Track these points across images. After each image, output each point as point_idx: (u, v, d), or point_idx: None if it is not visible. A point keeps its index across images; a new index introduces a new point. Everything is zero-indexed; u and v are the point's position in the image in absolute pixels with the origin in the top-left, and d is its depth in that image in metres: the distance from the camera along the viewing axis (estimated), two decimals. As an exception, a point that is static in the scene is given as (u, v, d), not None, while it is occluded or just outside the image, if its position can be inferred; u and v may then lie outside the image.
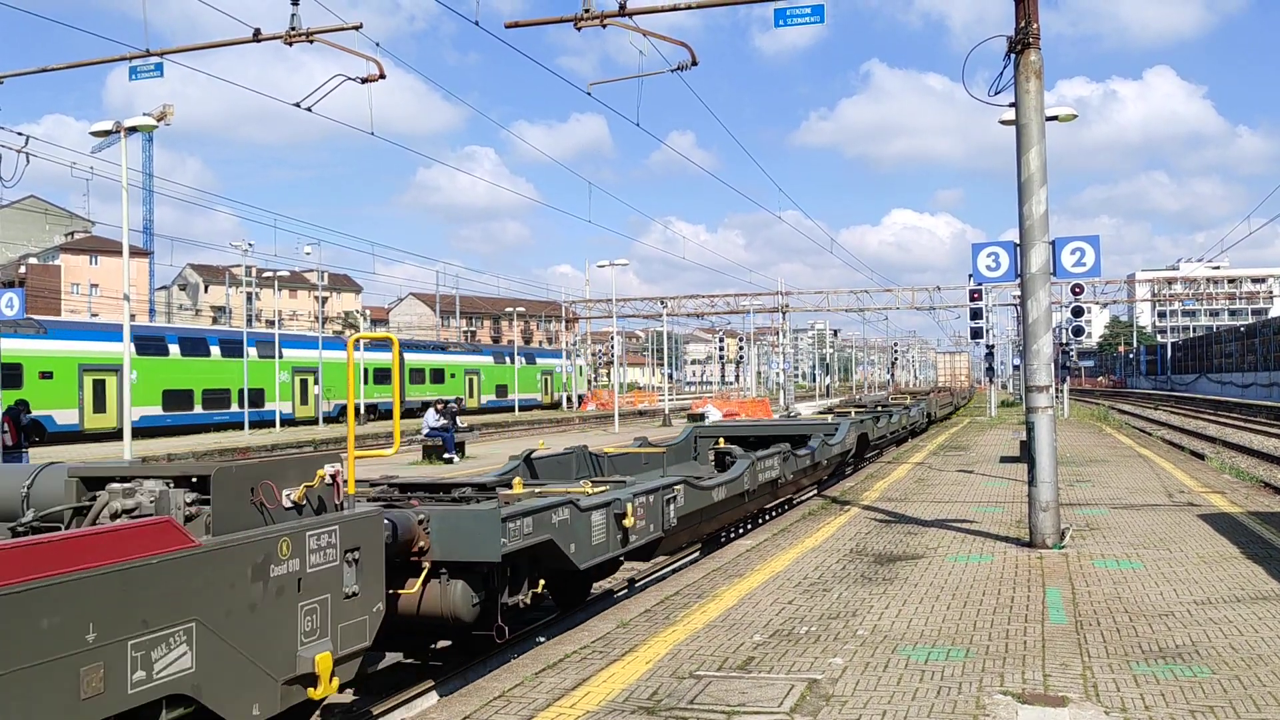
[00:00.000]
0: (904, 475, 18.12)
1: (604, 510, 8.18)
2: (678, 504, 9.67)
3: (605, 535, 8.13)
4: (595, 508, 8.04)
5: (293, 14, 14.20)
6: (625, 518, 8.35)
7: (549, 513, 7.30)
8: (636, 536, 8.71)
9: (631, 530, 8.54)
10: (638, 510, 8.64)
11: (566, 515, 7.52)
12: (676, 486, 9.72)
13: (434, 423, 24.96)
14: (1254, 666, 5.96)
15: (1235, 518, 11.98)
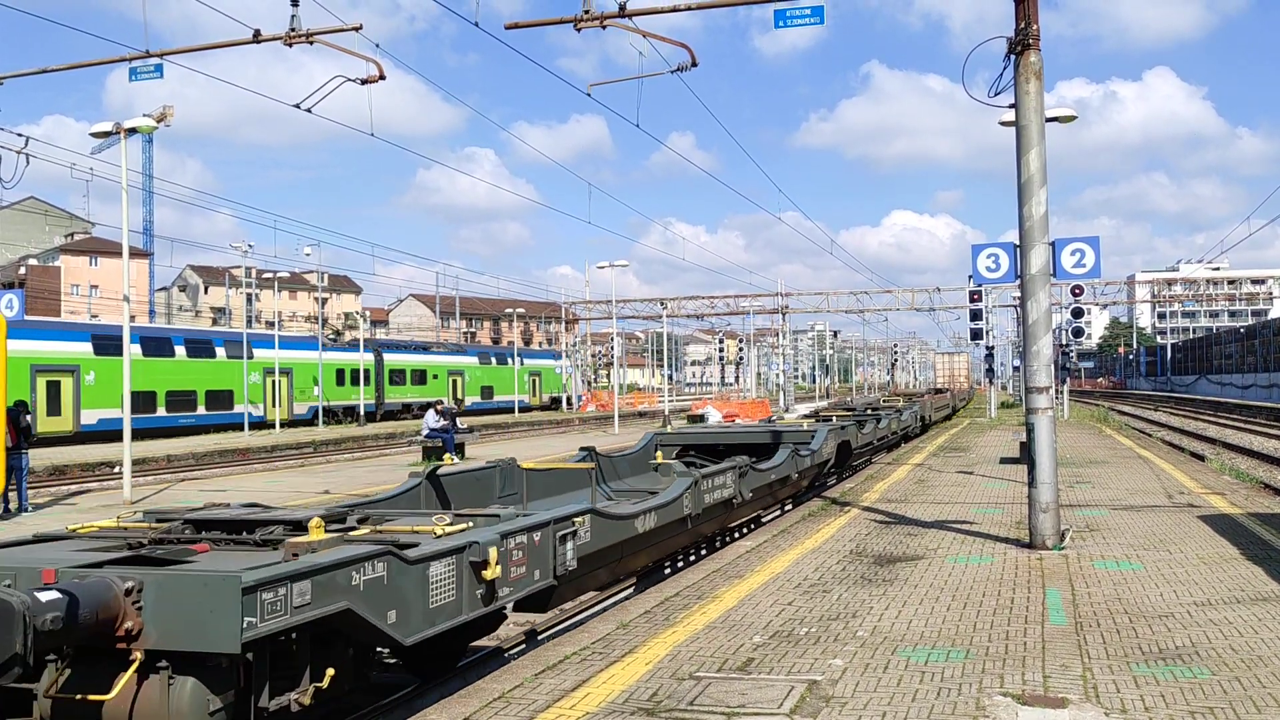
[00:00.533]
0: (904, 476, 18.12)
1: (451, 560, 6.14)
2: (579, 541, 7.71)
3: (455, 592, 6.15)
4: (433, 557, 5.98)
5: (293, 15, 14.20)
6: (486, 567, 6.30)
7: (347, 570, 5.34)
8: (510, 589, 6.71)
9: (500, 582, 6.51)
10: (511, 554, 6.68)
11: (381, 571, 5.56)
12: (578, 518, 7.76)
13: (434, 424, 24.95)
14: (1254, 668, 5.96)
15: (1235, 519, 11.98)
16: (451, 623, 6.14)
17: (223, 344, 42.86)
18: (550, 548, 7.22)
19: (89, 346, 36.24)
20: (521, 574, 6.86)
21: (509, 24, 13.79)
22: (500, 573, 6.43)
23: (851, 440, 19.10)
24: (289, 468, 26.37)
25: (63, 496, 19.54)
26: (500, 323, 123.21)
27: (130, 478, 18.49)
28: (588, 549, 7.88)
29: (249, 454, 31.15)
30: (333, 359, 48.50)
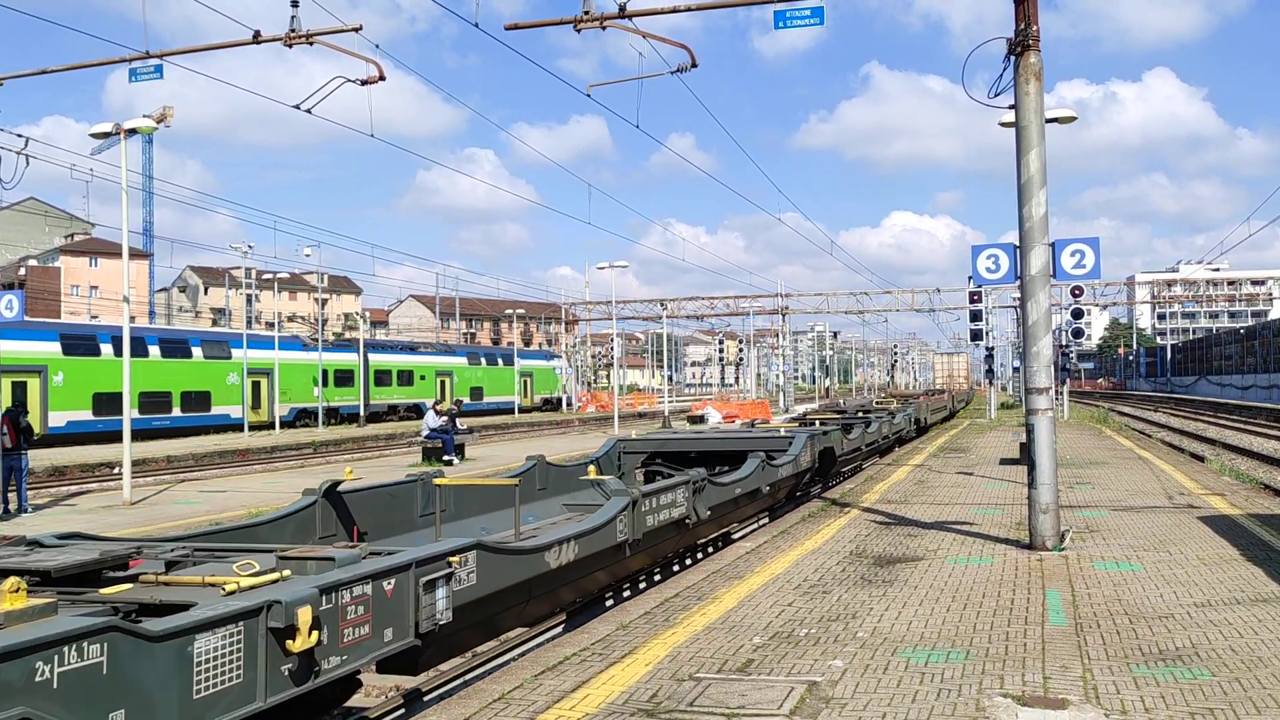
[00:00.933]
0: (904, 477, 18.11)
1: (235, 629, 4.52)
2: (460, 585, 6.30)
3: (243, 672, 4.56)
4: (201, 628, 4.36)
5: (292, 16, 14.21)
6: (294, 635, 4.72)
7: (27, 661, 3.62)
8: (342, 658, 5.16)
9: (322, 652, 4.98)
10: (346, 612, 5.16)
11: (98, 657, 3.88)
12: (457, 556, 6.25)
13: (434, 424, 24.94)
14: (1254, 669, 5.96)
15: (1235, 520, 11.97)
16: (235, 715, 4.49)
17: (199, 344, 41.69)
18: (410, 598, 5.71)
19: (57, 346, 35.09)
20: (363, 636, 5.32)
21: (509, 25, 13.81)
22: (320, 639, 4.88)
23: (836, 447, 17.67)
24: (289, 468, 26.36)
25: (63, 497, 19.54)
26: (500, 324, 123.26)
27: (130, 479, 18.48)
28: (473, 594, 6.43)
29: (249, 454, 31.15)
30: (316, 359, 47.49)
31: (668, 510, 10.06)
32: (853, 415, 25.78)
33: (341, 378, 48.70)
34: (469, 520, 10.74)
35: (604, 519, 8.71)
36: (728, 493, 12.00)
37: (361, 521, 9.18)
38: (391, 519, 9.67)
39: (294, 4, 14.18)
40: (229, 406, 41.71)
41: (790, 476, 14.74)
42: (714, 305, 72.73)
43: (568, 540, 7.99)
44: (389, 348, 56.49)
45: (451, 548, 6.29)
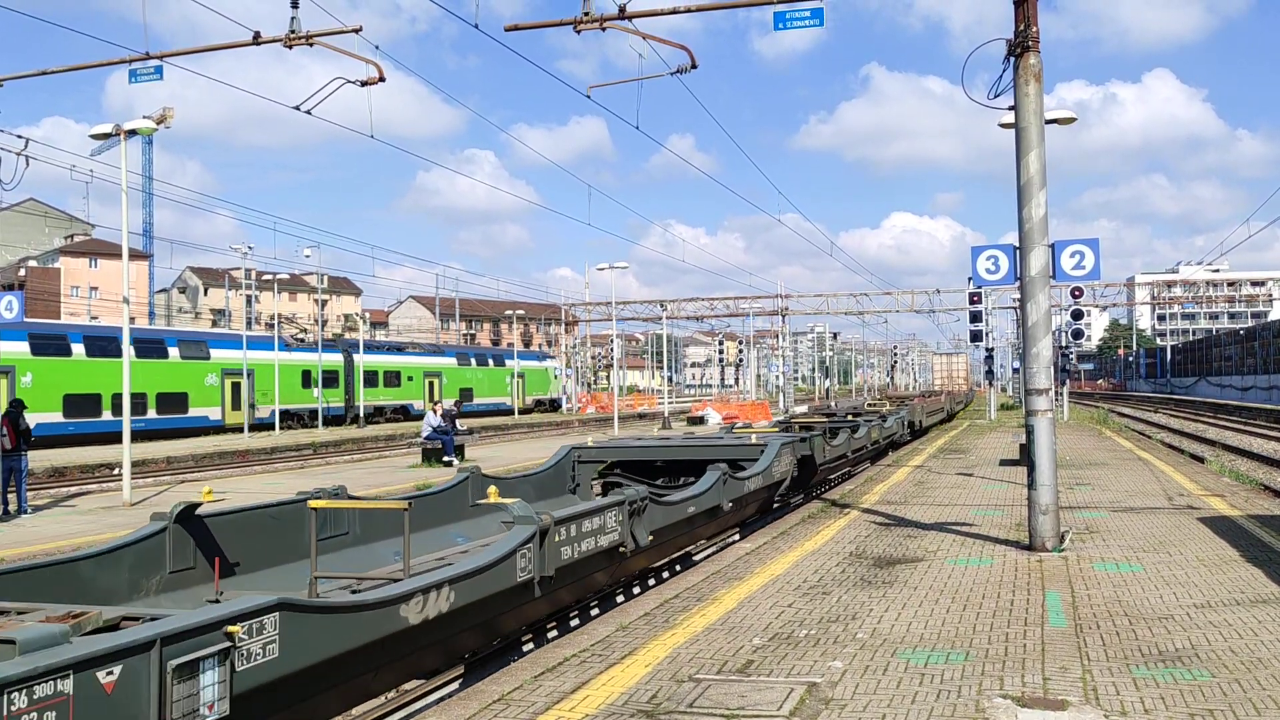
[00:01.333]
0: (903, 478, 18.11)
1: None
2: (250, 661, 4.74)
3: None
4: None
5: (292, 17, 14.22)
6: None
7: None
8: None
9: None
10: None
11: None
12: (241, 624, 4.67)
13: (434, 424, 24.95)
14: (1254, 670, 5.96)
15: (1235, 521, 11.98)
16: None
17: (176, 344, 40.37)
18: (146, 693, 4.12)
19: (26, 346, 34.05)
20: None
21: (509, 26, 13.82)
22: None
23: (817, 454, 16.06)
24: (289, 469, 26.37)
25: (62, 498, 19.54)
26: (500, 325, 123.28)
27: (130, 480, 18.48)
28: (272, 672, 4.84)
29: (249, 455, 31.16)
30: (298, 360, 45.97)
31: (594, 538, 8.47)
32: (841, 419, 24.16)
33: (326, 379, 47.44)
34: (378, 544, 9.43)
35: (498, 555, 7.03)
36: (677, 512, 10.45)
37: (231, 551, 7.85)
38: (272, 547, 8.29)
39: (294, 5, 14.19)
40: (207, 408, 40.67)
41: (761, 489, 13.27)
42: (714, 306, 72.76)
43: (439, 586, 6.30)
44: (375, 348, 55.17)
45: (231, 613, 4.61)
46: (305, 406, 45.41)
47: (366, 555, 9.20)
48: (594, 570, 8.94)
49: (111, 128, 18.34)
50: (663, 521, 10.06)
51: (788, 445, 14.62)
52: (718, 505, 11.67)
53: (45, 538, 13.78)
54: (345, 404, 49.06)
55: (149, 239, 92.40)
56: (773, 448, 13.94)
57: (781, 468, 14.03)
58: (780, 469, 13.93)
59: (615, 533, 8.92)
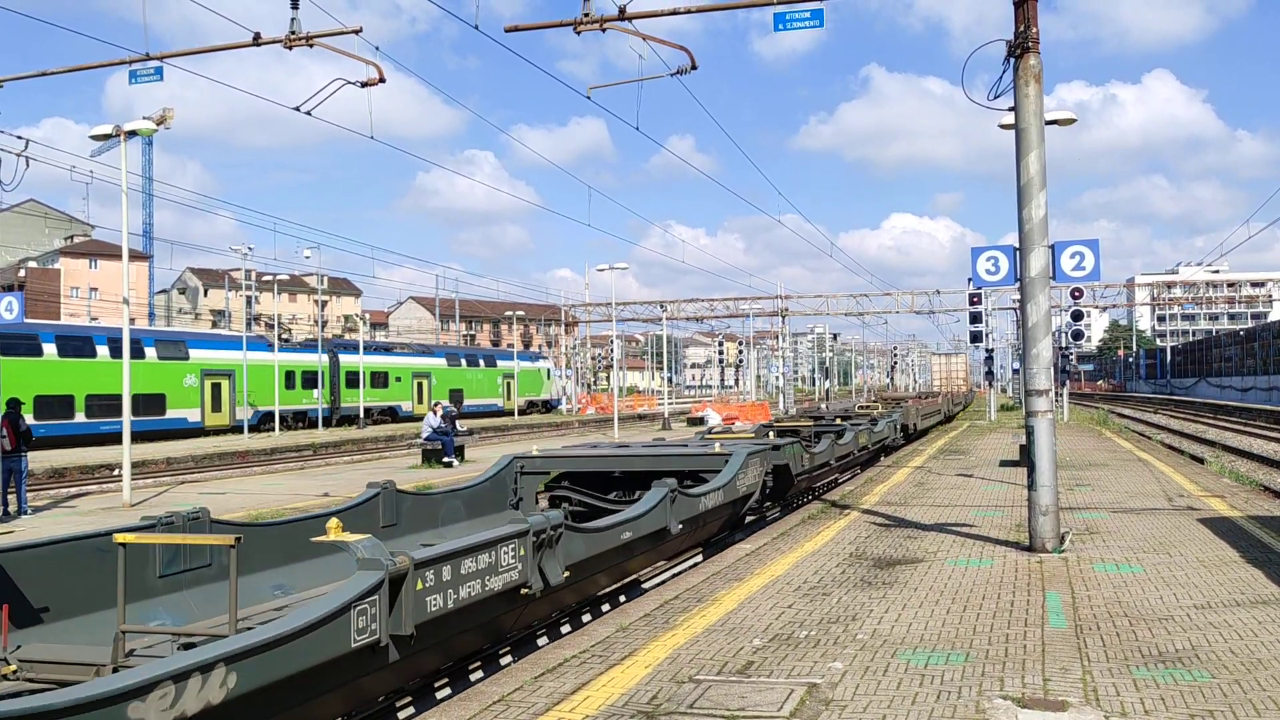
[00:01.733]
0: (903, 479, 18.11)
1: None
2: None
3: None
4: None
5: (292, 18, 14.22)
6: None
7: None
8: None
9: None
10: None
11: None
12: None
13: (434, 426, 24.95)
14: (1254, 671, 5.96)
15: (1235, 522, 11.98)
16: None
17: (153, 344, 39.02)
18: None
19: None
20: None
21: (509, 27, 13.82)
22: None
23: (793, 463, 14.61)
24: (288, 470, 26.37)
25: (62, 499, 19.54)
26: (500, 325, 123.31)
27: (130, 481, 18.48)
28: None
29: (248, 456, 31.15)
30: (282, 360, 44.51)
31: (480, 580, 6.71)
32: (829, 422, 22.70)
33: (310, 380, 46.20)
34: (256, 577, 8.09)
35: (318, 615, 5.25)
36: (605, 540, 8.81)
37: (36, 593, 6.67)
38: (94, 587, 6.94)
39: (294, 6, 14.19)
40: (186, 410, 39.52)
41: (724, 506, 11.80)
42: (714, 307, 72.76)
43: (207, 669, 4.50)
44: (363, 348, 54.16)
45: None
46: (288, 408, 44.21)
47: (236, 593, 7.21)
48: (481, 621, 7.15)
49: (111, 129, 18.34)
50: (586, 553, 8.35)
51: (756, 455, 13.06)
52: (663, 528, 10.00)
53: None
54: (330, 406, 47.78)
55: (149, 240, 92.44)
56: (737, 458, 12.40)
57: (748, 480, 12.54)
58: (747, 481, 12.50)
59: (514, 571, 7.11)
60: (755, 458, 12.99)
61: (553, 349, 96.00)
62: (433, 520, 10.74)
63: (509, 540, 7.12)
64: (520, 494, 12.67)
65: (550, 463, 13.24)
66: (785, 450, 14.31)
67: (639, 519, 9.50)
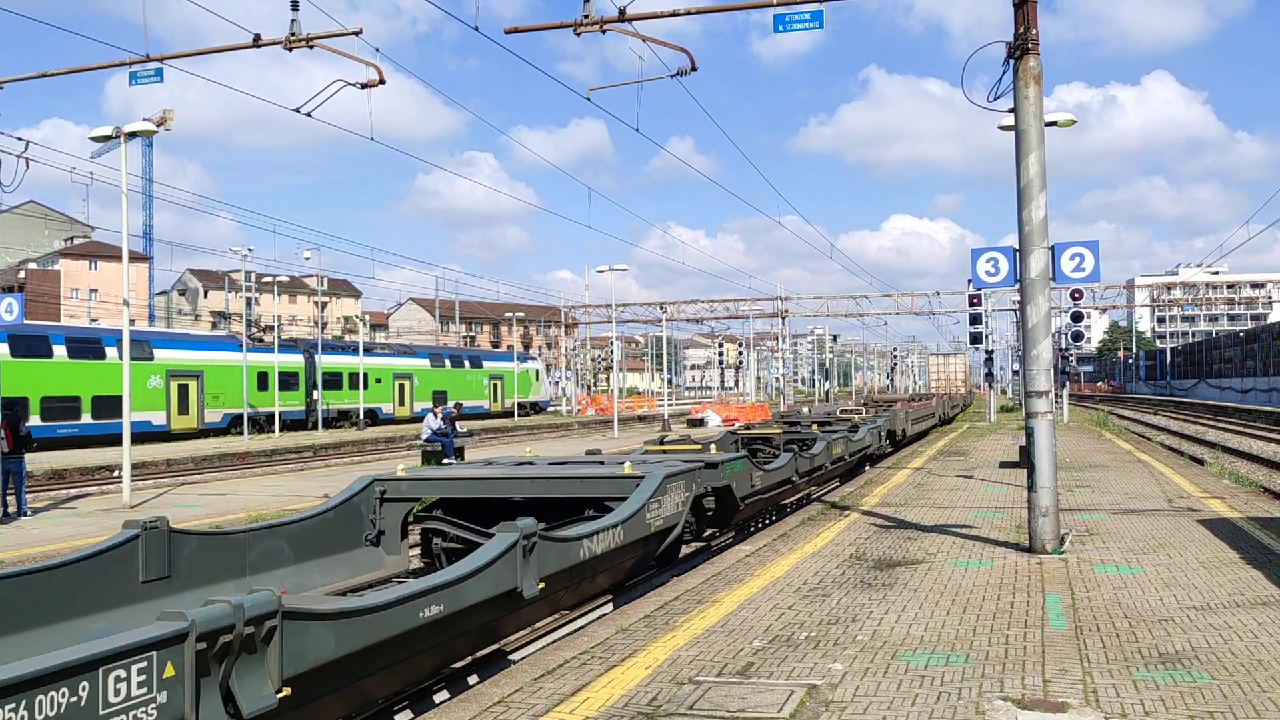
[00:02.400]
0: (903, 480, 18.11)
1: None
2: None
3: None
4: None
5: (292, 19, 14.23)
6: None
7: None
8: None
9: None
10: None
11: None
12: None
13: (434, 427, 24.96)
14: (1254, 672, 5.96)
15: (1235, 523, 11.98)
16: None
17: (114, 343, 36.50)
18: None
19: None
20: None
21: (509, 28, 13.82)
22: None
23: (737, 484, 12.04)
24: (288, 471, 26.37)
25: (62, 501, 19.54)
26: (500, 327, 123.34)
27: (130, 482, 18.47)
28: None
29: (248, 458, 31.16)
30: (253, 361, 42.65)
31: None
32: (805, 428, 20.73)
33: (285, 381, 44.27)
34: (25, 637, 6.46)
35: None
36: (383, 627, 5.80)
37: None
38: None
39: (294, 7, 14.20)
40: (150, 412, 37.39)
41: (626, 548, 9.12)
42: (714, 308, 72.76)
43: None
44: (341, 349, 51.82)
45: None
46: (260, 410, 42.66)
47: None
48: None
49: (111, 130, 18.35)
50: (336, 650, 5.41)
51: (678, 478, 10.40)
52: (512, 591, 7.11)
53: (45, 540, 13.78)
54: (305, 407, 45.95)
55: (149, 241, 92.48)
56: (649, 483, 9.76)
57: (666, 510, 9.95)
58: (664, 512, 9.89)
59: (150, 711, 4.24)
60: (677, 481, 10.33)
61: (552, 350, 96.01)
62: (237, 566, 8.32)
63: (132, 657, 4.16)
64: (382, 526, 10.13)
65: (419, 487, 10.56)
66: (726, 469, 11.78)
67: (457, 585, 6.52)
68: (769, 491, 13.67)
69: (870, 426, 22.26)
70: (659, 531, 9.88)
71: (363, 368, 48.89)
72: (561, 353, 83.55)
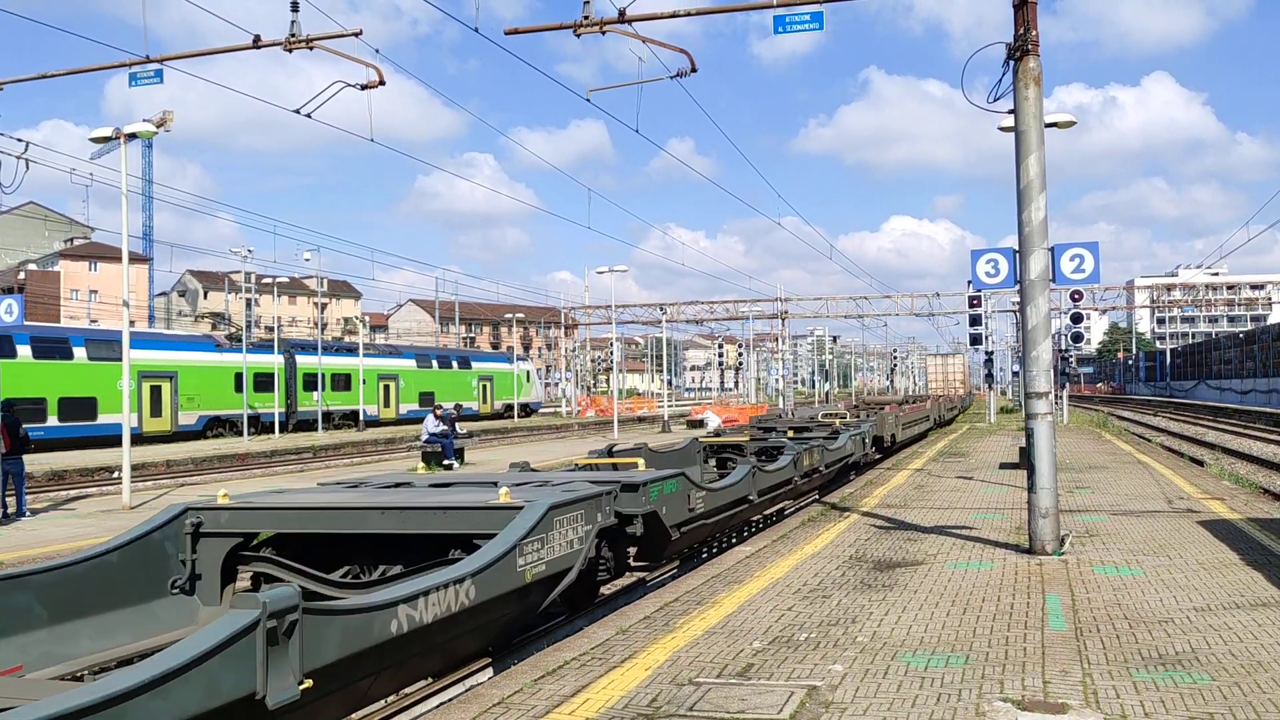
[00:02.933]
0: (903, 481, 18.11)
1: None
2: None
3: None
4: None
5: (292, 20, 14.24)
6: None
7: None
8: None
9: None
10: None
11: None
12: None
13: (433, 429, 24.95)
14: (1254, 673, 5.96)
15: (1234, 524, 11.98)
16: None
17: (83, 343, 35.45)
18: None
19: None
20: None
21: (509, 29, 13.83)
22: None
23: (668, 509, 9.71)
24: (288, 472, 26.37)
25: (62, 501, 19.54)
26: (500, 328, 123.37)
27: (129, 483, 18.47)
28: None
29: (248, 459, 31.15)
30: (230, 361, 41.51)
31: None
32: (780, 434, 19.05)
33: (264, 382, 42.56)
34: None
35: None
36: None
37: None
38: None
39: (294, 9, 14.21)
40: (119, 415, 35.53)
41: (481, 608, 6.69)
42: (713, 309, 72.76)
43: None
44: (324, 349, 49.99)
45: None
46: (239, 412, 41.15)
47: None
48: None
49: (111, 131, 18.35)
50: None
51: (573, 509, 8.07)
52: (249, 697, 4.71)
53: (44, 541, 13.79)
54: (285, 410, 44.25)
55: (149, 242, 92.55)
56: (527, 517, 7.46)
57: (554, 550, 7.69)
58: (550, 553, 7.61)
59: None
60: (570, 512, 7.98)
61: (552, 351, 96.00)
62: (27, 620, 6.66)
63: None
64: (197, 566, 8.07)
65: (246, 518, 8.33)
66: (651, 491, 9.35)
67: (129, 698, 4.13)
68: (716, 515, 11.37)
69: (853, 433, 19.94)
70: (543, 580, 7.52)
71: (361, 369, 48.16)
72: (561, 354, 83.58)
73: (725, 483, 12.08)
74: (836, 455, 17.95)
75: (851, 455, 19.37)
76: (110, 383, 35.22)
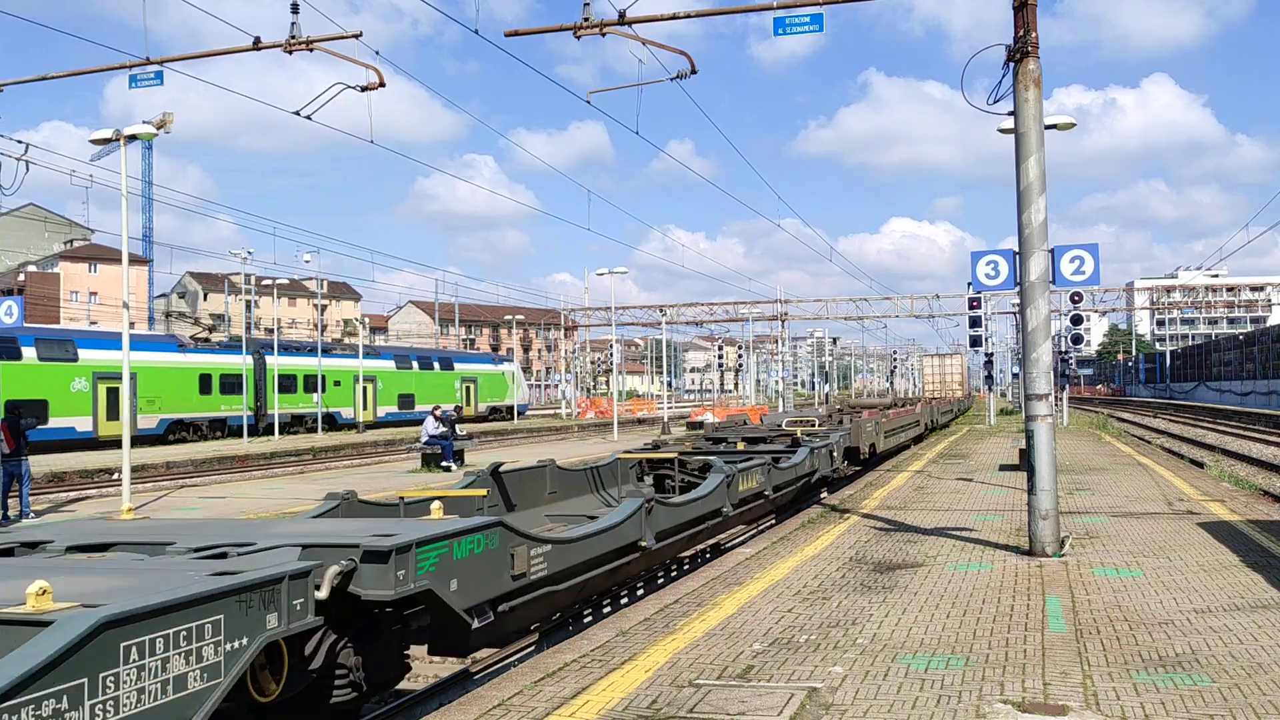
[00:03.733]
0: (903, 483, 18.11)
1: None
2: None
3: None
4: None
5: (292, 22, 14.25)
6: None
7: None
8: None
9: None
10: None
11: None
12: None
13: (433, 430, 24.95)
14: (1254, 675, 5.96)
15: (1235, 526, 11.98)
16: None
17: (33, 343, 33.90)
18: None
19: None
20: None
21: (509, 31, 13.84)
22: None
23: (467, 582, 6.16)
24: (288, 474, 26.37)
25: (62, 503, 19.54)
26: (500, 329, 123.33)
27: (129, 485, 18.47)
28: None
29: (248, 461, 31.16)
30: (195, 362, 40.03)
31: None
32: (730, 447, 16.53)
33: (231, 384, 41.13)
34: None
35: None
36: None
37: None
38: None
39: (294, 10, 14.22)
40: (73, 418, 34.48)
41: None
42: (713, 311, 72.78)
43: None
44: (297, 349, 48.62)
45: None
46: (202, 415, 39.90)
47: None
48: None
49: (111, 133, 18.35)
50: None
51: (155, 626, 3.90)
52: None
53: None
54: (255, 412, 42.78)
55: (149, 244, 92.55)
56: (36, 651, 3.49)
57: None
58: None
59: None
60: (169, 627, 3.99)
61: (552, 353, 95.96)
62: None
63: None
64: None
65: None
66: (419, 559, 5.71)
67: None
68: (579, 575, 8.03)
69: (819, 444, 16.70)
70: None
71: (361, 370, 47.78)
72: (561, 355, 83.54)
73: (597, 526, 8.43)
74: (790, 475, 14.76)
75: (815, 472, 16.30)
76: (63, 384, 34.19)
